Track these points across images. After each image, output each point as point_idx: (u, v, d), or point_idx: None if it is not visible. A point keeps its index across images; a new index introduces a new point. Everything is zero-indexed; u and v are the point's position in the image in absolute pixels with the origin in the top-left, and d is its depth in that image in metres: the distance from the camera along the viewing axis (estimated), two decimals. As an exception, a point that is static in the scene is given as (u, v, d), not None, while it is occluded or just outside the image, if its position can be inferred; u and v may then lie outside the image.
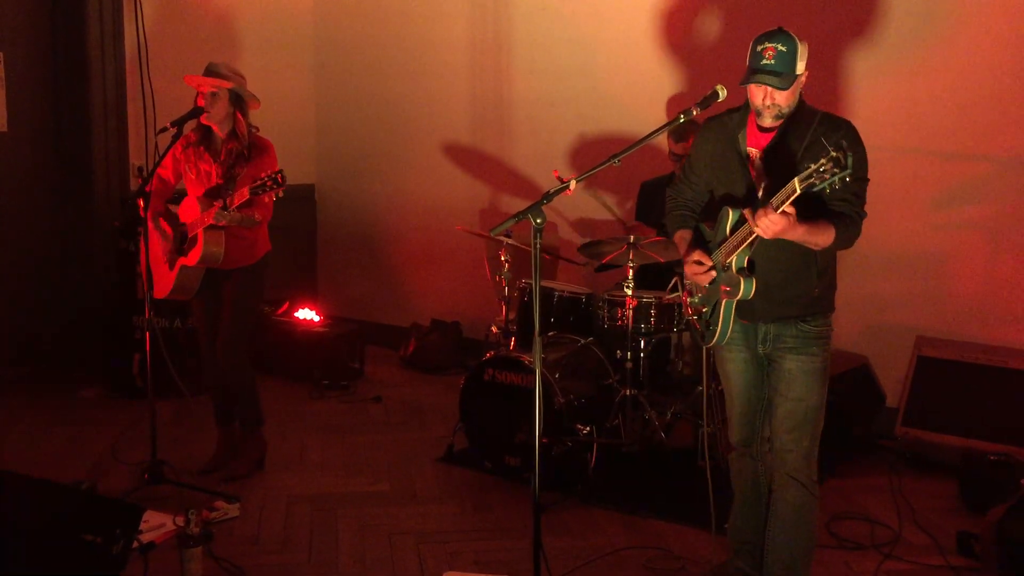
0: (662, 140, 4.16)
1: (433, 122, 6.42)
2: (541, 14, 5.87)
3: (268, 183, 3.81)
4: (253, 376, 4.41)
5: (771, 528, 3.12)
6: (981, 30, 4.51)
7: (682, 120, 2.91)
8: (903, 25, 4.68)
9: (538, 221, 2.75)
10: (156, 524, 3.65)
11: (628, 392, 4.33)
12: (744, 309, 3.04)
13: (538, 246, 2.77)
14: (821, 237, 2.84)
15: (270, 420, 4.52)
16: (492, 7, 6.05)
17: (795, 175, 2.62)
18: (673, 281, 4.44)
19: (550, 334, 4.57)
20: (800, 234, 2.79)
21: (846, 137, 2.84)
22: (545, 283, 4.75)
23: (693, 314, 3.22)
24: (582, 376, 4.38)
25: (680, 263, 3.23)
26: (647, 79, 5.48)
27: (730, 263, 2.96)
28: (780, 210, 2.68)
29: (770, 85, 2.83)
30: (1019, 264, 4.53)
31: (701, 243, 3.16)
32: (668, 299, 4.37)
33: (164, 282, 4.25)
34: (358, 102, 6.76)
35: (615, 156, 2.85)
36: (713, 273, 3.03)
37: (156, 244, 4.27)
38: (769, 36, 2.85)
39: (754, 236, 2.83)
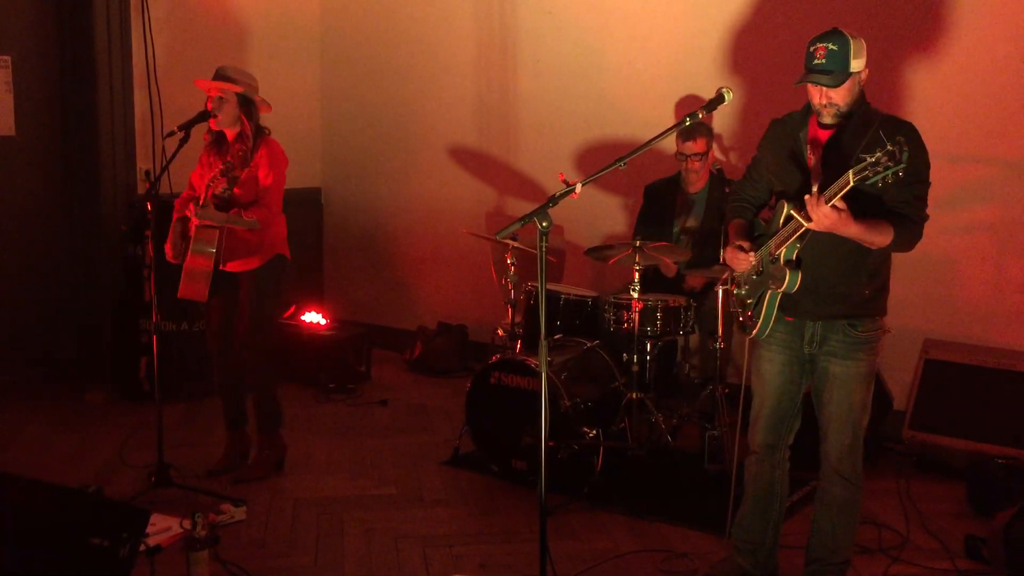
0: (667, 143, 4.16)
1: (439, 125, 6.43)
2: (546, 18, 5.87)
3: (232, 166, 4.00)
4: (273, 378, 4.41)
5: (817, 515, 3.22)
6: (989, 31, 4.50)
7: (688, 123, 2.93)
8: (909, 26, 4.67)
9: (543, 224, 2.75)
10: (163, 527, 3.66)
11: (634, 395, 4.32)
12: (790, 305, 3.06)
13: (544, 249, 2.78)
14: (879, 237, 2.87)
15: (277, 423, 4.53)
16: (498, 11, 6.06)
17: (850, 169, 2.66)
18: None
19: (556, 337, 4.57)
20: (855, 232, 2.82)
21: (907, 138, 2.85)
22: (551, 286, 4.75)
23: (738, 305, 3.24)
24: (588, 379, 4.38)
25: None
26: (653, 82, 5.48)
27: (778, 255, 3.00)
28: (831, 204, 2.72)
29: (821, 84, 2.89)
30: (1027, 267, 4.51)
31: (749, 233, 3.22)
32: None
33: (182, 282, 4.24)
34: (364, 106, 6.77)
35: (621, 159, 2.86)
36: (750, 259, 3.08)
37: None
38: (821, 36, 2.90)
39: (803, 228, 2.86)
